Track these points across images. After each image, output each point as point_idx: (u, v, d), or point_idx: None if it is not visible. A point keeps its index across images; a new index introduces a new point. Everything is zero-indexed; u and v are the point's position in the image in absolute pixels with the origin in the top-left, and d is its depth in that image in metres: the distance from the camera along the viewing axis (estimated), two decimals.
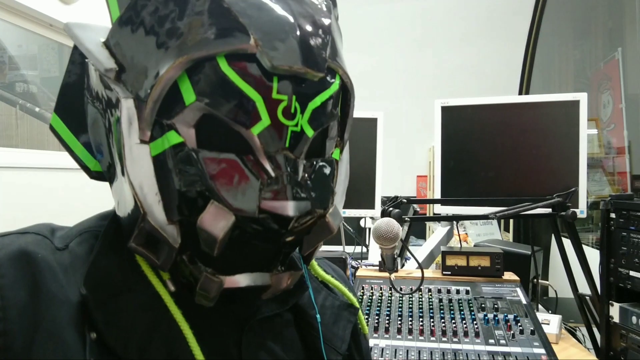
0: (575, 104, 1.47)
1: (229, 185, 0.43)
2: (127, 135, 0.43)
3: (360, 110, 1.77)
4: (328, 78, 0.46)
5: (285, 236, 0.46)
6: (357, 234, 2.11)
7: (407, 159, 4.29)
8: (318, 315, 0.59)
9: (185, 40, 0.42)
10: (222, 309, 0.52)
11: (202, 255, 0.45)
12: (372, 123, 1.75)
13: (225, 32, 0.42)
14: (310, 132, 0.46)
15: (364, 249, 2.06)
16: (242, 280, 0.46)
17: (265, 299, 0.49)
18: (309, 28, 0.45)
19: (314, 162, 0.48)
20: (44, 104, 2.90)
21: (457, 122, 1.61)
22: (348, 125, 0.53)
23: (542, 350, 1.08)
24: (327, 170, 0.49)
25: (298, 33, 0.43)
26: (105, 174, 0.53)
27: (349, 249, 2.02)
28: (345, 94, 0.51)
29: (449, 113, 1.60)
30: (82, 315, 0.44)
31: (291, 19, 0.44)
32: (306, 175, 0.46)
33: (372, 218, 1.95)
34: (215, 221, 0.42)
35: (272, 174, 0.44)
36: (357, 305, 0.66)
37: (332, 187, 0.51)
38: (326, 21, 0.47)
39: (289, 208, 0.43)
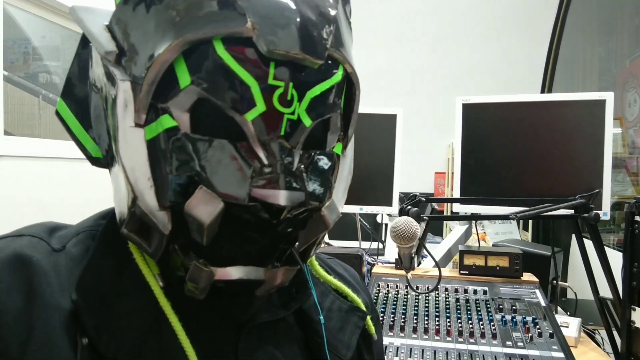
0: (601, 103, 1.43)
1: (220, 171, 0.41)
2: (122, 118, 0.42)
3: (379, 106, 1.76)
4: (330, 68, 0.45)
5: (279, 228, 0.45)
6: (373, 230, 2.10)
7: (426, 155, 4.27)
8: (321, 317, 0.56)
9: (182, 22, 0.41)
10: (220, 313, 0.50)
11: (195, 246, 0.44)
12: (391, 119, 1.74)
13: (222, 15, 0.41)
14: (308, 122, 0.44)
15: (380, 245, 2.05)
16: (233, 272, 0.44)
17: (259, 295, 0.47)
18: (311, 15, 0.43)
19: (312, 154, 0.46)
20: None
21: (479, 120, 1.58)
22: (353, 120, 0.51)
23: (561, 354, 1.06)
24: (326, 163, 0.47)
25: (298, 19, 0.42)
26: (104, 160, 0.51)
27: (365, 244, 2.01)
28: (350, 87, 0.49)
29: (470, 111, 1.58)
30: (74, 320, 0.43)
31: (292, 6, 0.42)
32: (302, 166, 0.45)
33: (389, 215, 1.94)
34: (202, 206, 0.41)
35: (265, 161, 0.42)
36: (364, 308, 0.63)
37: (331, 180, 0.49)
38: (331, 11, 0.45)
39: (281, 197, 0.42)
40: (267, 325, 0.53)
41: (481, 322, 1.18)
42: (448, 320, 1.19)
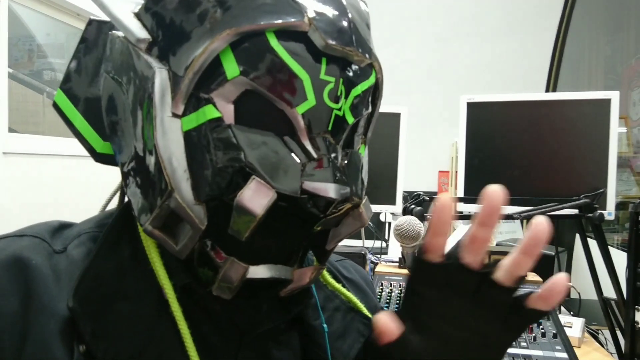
0: (606, 102, 1.43)
1: (271, 163, 0.41)
2: (159, 107, 0.40)
3: (383, 104, 1.76)
4: (369, 68, 0.46)
5: (320, 223, 0.44)
6: (376, 229, 2.10)
7: (429, 154, 4.25)
8: (325, 325, 0.54)
9: (233, 12, 0.40)
10: (221, 321, 0.49)
11: (222, 243, 0.43)
12: (395, 118, 1.74)
13: (277, 7, 0.40)
14: (350, 119, 0.44)
15: (384, 244, 2.05)
16: (264, 271, 0.43)
17: (283, 295, 0.47)
18: (355, 14, 0.44)
19: (348, 152, 0.46)
20: None
21: (483, 119, 1.58)
22: (372, 124, 0.51)
23: (565, 355, 1.06)
24: (359, 161, 0.48)
25: (350, 16, 0.43)
26: (117, 156, 0.49)
27: (369, 243, 2.01)
28: (375, 91, 0.49)
29: (474, 109, 1.57)
30: (71, 327, 0.42)
31: (343, 2, 0.43)
32: (345, 162, 0.45)
33: (392, 214, 1.94)
34: (257, 197, 0.39)
35: (315, 155, 0.42)
36: (370, 315, 0.59)
37: (364, 179, 0.49)
38: (367, 16, 0.47)
39: (332, 190, 0.41)
40: (267, 335, 0.51)
41: None
42: None
